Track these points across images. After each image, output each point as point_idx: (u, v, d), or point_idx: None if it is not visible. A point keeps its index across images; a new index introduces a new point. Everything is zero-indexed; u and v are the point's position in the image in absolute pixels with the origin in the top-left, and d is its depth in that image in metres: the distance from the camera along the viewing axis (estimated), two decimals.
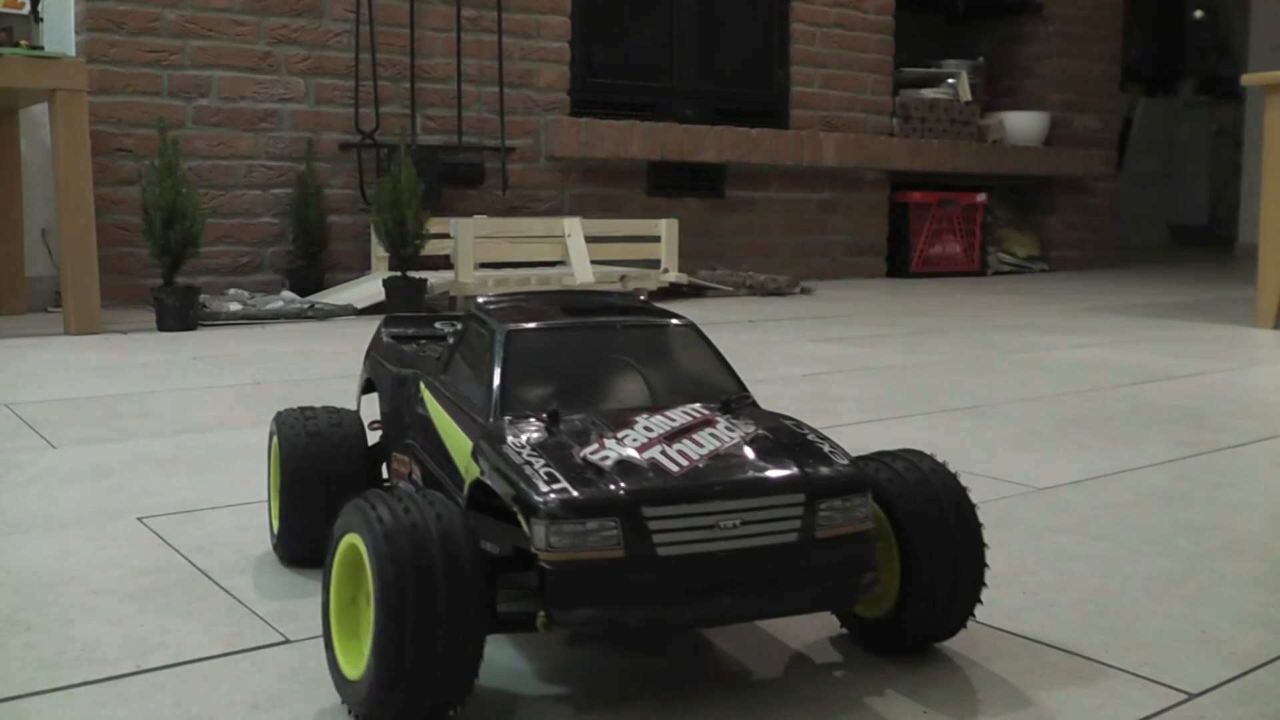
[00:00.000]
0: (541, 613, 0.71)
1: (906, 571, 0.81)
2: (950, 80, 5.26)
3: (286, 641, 0.89)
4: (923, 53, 5.47)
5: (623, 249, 3.83)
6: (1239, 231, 6.86)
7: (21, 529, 1.19)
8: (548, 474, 0.73)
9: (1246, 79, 3.30)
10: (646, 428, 0.79)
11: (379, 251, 3.57)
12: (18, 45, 2.76)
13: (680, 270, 3.89)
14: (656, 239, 3.85)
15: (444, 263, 3.57)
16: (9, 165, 3.21)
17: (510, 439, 0.78)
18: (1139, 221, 8.02)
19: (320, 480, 1.02)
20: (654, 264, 3.84)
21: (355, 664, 0.74)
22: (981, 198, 5.21)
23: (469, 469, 0.82)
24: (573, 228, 3.69)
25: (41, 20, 2.97)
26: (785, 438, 0.80)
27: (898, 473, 0.84)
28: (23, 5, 2.90)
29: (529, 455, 0.75)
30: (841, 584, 0.76)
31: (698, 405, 0.83)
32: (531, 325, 0.88)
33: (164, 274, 2.88)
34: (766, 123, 4.65)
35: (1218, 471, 1.47)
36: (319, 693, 0.80)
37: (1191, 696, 0.80)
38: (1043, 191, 5.71)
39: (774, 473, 0.75)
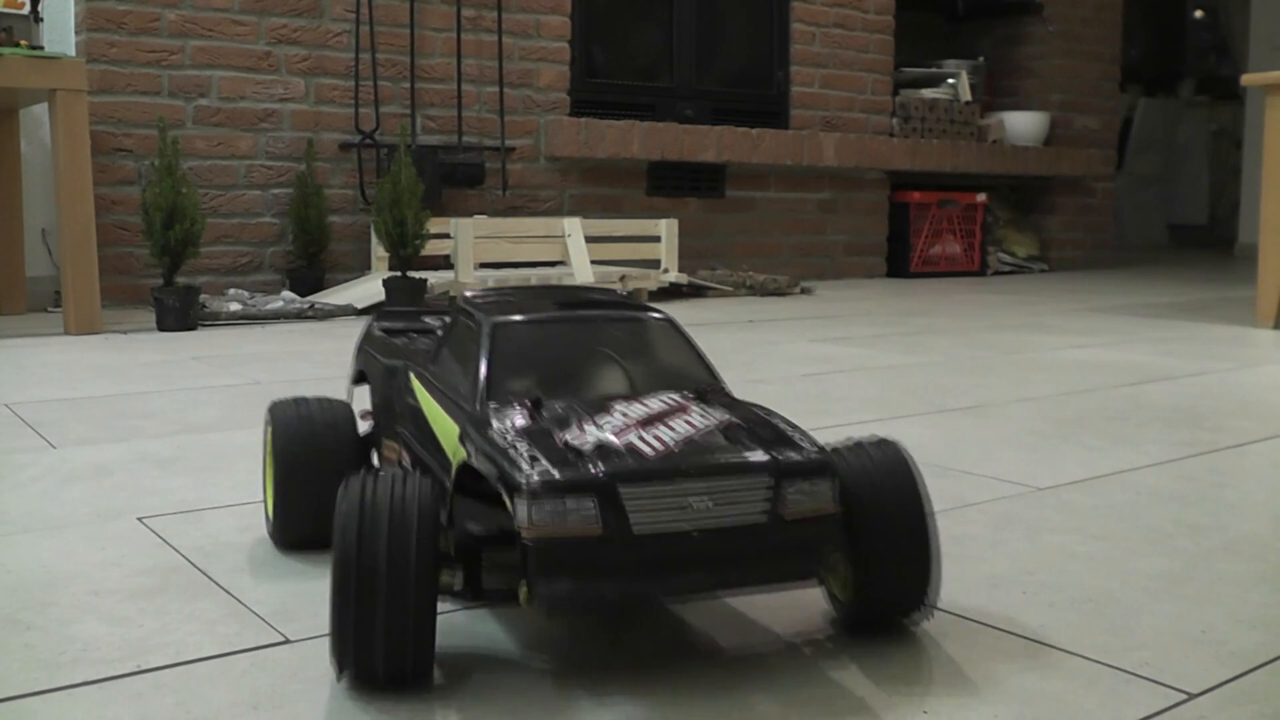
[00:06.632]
0: (524, 586, 0.74)
1: (854, 552, 0.85)
2: (950, 80, 5.26)
3: (286, 641, 0.89)
4: (923, 53, 5.47)
5: (622, 249, 3.83)
6: (1239, 231, 6.86)
7: (21, 529, 1.19)
8: (530, 456, 0.76)
9: (1246, 79, 3.30)
10: (624, 414, 0.82)
11: (379, 251, 3.57)
12: (18, 45, 2.76)
13: (680, 270, 3.89)
14: (656, 239, 3.85)
15: (444, 263, 3.57)
16: (9, 165, 3.21)
17: (496, 424, 0.82)
18: (1139, 221, 8.02)
19: (314, 464, 1.05)
20: (654, 264, 3.84)
21: None
22: (981, 198, 5.21)
23: (456, 453, 0.85)
24: (573, 228, 3.69)
25: (41, 20, 2.97)
26: (755, 425, 0.84)
27: (844, 457, 0.87)
28: (23, 5, 2.89)
29: (513, 439, 0.79)
30: (806, 561, 0.80)
31: (673, 394, 0.87)
32: (517, 318, 0.92)
33: (164, 274, 2.89)
34: (766, 123, 4.65)
35: (1218, 471, 1.47)
36: (319, 693, 0.80)
37: (1191, 696, 0.80)
38: (1043, 191, 5.71)
39: (743, 456, 0.79)
